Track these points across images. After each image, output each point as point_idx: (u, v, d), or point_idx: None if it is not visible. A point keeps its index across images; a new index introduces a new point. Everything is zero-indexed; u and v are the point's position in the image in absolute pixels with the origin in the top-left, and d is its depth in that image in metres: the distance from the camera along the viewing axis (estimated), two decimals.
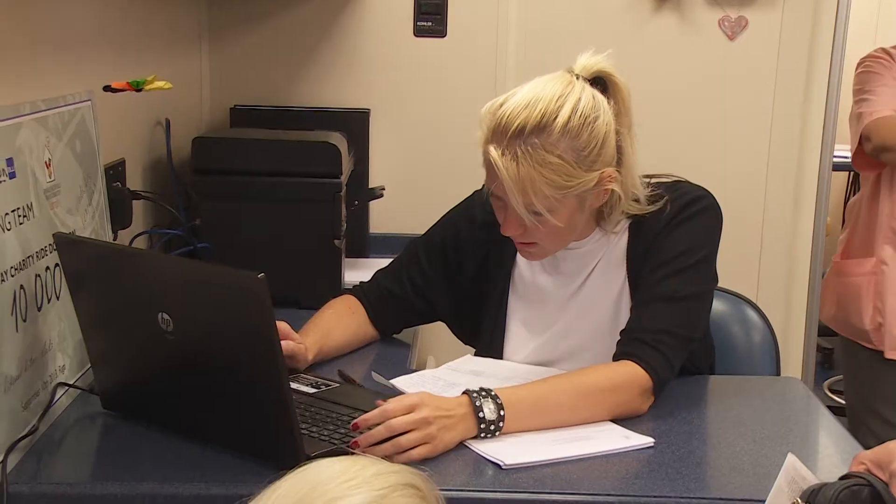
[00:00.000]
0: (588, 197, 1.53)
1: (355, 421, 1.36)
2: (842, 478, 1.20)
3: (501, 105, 1.49)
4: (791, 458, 1.20)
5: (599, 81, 1.54)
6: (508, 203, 1.51)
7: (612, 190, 1.54)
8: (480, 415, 1.39)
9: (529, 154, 1.45)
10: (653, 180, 1.63)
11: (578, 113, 1.47)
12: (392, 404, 1.36)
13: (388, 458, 1.29)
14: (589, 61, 1.54)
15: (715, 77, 2.82)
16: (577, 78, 1.52)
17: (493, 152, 1.47)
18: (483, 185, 1.76)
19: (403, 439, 1.33)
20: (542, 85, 1.50)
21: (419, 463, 1.34)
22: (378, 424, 1.34)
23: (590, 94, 1.50)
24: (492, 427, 1.40)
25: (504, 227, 1.55)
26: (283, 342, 1.53)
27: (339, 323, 1.73)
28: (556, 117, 1.46)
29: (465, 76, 2.80)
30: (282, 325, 1.56)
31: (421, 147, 2.83)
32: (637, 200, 1.60)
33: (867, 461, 1.20)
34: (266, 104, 2.76)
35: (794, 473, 1.19)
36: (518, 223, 1.53)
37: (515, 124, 1.46)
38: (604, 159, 1.51)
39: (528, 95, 1.48)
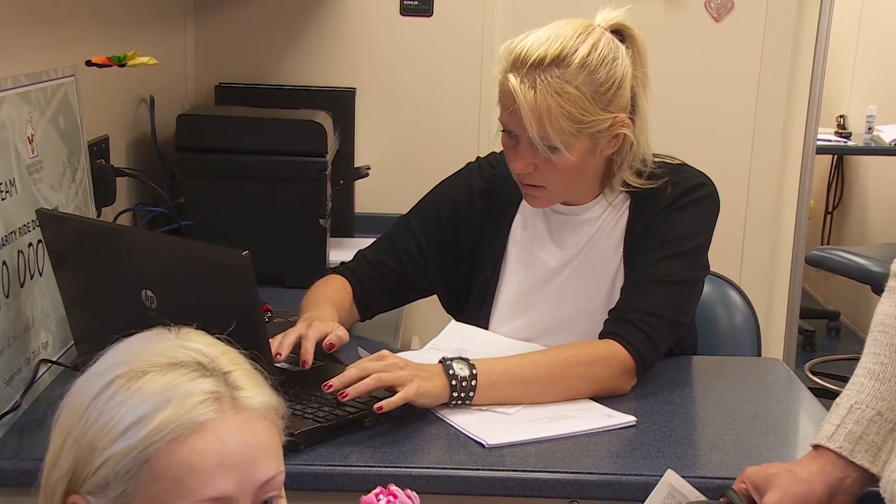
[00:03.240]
0: (601, 140, 1.54)
1: (323, 385, 1.37)
2: (721, 496, 1.22)
3: (522, 40, 1.52)
4: (669, 474, 1.22)
5: (617, 34, 1.57)
6: (521, 137, 1.52)
7: (624, 141, 1.56)
8: (451, 372, 1.41)
9: (548, 83, 1.48)
10: (656, 159, 1.64)
11: (598, 51, 1.51)
12: (358, 361, 1.40)
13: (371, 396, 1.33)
14: (609, 14, 1.57)
15: (700, 59, 2.82)
16: (597, 26, 1.55)
17: (513, 80, 1.49)
18: (477, 157, 1.77)
19: (383, 375, 1.35)
20: (561, 25, 1.54)
21: (405, 444, 1.35)
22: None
23: (609, 38, 1.54)
24: (464, 384, 1.41)
25: (515, 162, 1.55)
26: (334, 335, 1.54)
27: (340, 299, 1.71)
28: (575, 51, 1.49)
29: (451, 56, 2.79)
30: (324, 328, 1.55)
31: (407, 126, 2.83)
32: (640, 174, 1.60)
33: (748, 481, 1.23)
34: (251, 82, 2.74)
35: (669, 489, 1.21)
36: (529, 158, 1.53)
37: (536, 55, 1.49)
38: (619, 103, 1.53)
39: (548, 32, 1.52)
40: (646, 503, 1.23)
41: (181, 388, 0.84)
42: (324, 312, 1.62)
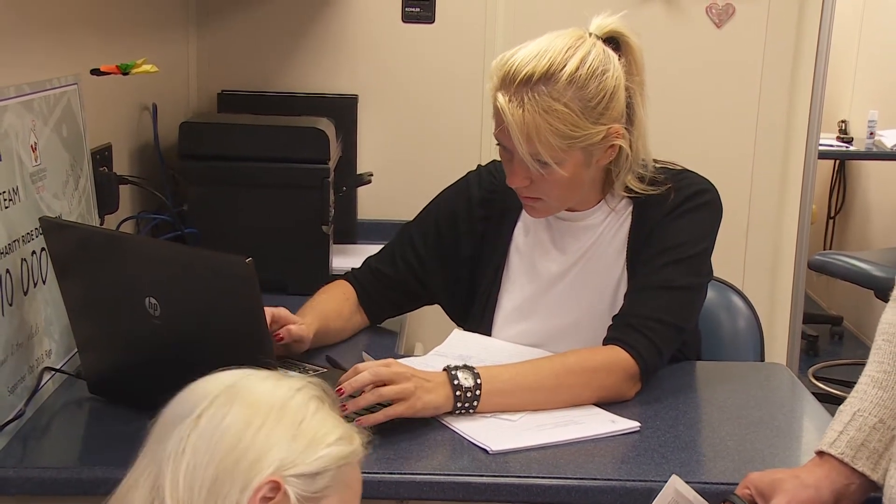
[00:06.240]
0: (595, 152, 1.54)
1: (337, 389, 1.38)
2: (723, 501, 1.22)
3: (512, 56, 1.52)
4: (673, 479, 1.22)
5: (612, 41, 1.56)
6: (515, 152, 1.52)
7: (620, 149, 1.55)
8: (456, 382, 1.40)
9: (535, 101, 1.47)
10: (658, 165, 1.63)
11: (587, 65, 1.49)
12: (365, 363, 1.40)
13: (369, 411, 1.34)
14: (603, 21, 1.56)
15: (702, 64, 2.83)
16: (590, 35, 1.54)
17: (501, 98, 1.49)
18: (478, 165, 1.77)
19: (385, 389, 1.35)
20: (552, 38, 1.53)
21: (409, 450, 1.35)
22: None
23: (600, 49, 1.52)
24: (468, 394, 1.41)
25: (510, 178, 1.56)
26: (288, 327, 1.57)
27: (335, 309, 1.72)
28: (563, 67, 1.48)
29: (453, 62, 2.80)
30: (281, 311, 1.58)
31: (409, 133, 2.83)
32: (641, 179, 1.60)
33: (752, 487, 1.23)
34: (254, 89, 2.75)
35: (674, 495, 1.22)
36: (524, 174, 1.53)
37: (524, 73, 1.48)
38: (612, 114, 1.52)
39: (538, 47, 1.51)
40: None
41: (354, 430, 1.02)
42: (302, 319, 1.64)
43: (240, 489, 0.92)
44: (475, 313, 1.72)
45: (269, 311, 1.55)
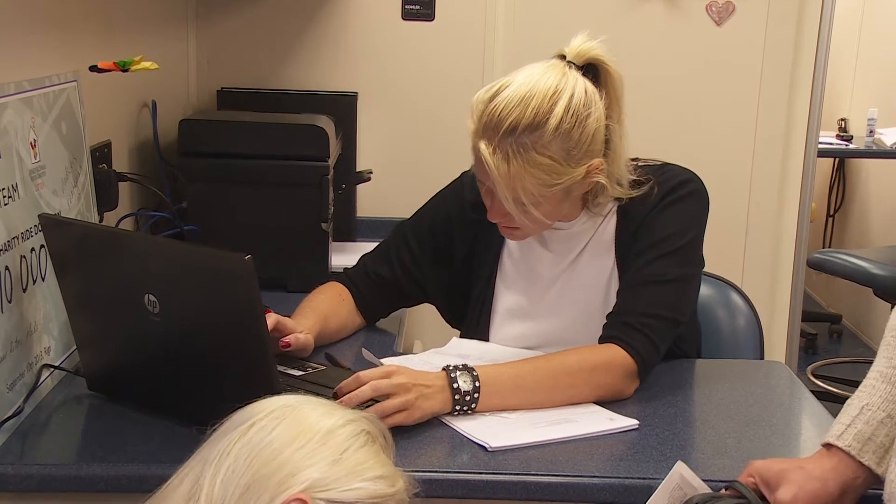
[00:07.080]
0: (574, 188, 1.53)
1: (336, 390, 1.38)
2: (727, 487, 1.22)
3: (493, 97, 1.47)
4: (679, 466, 1.23)
5: (591, 69, 1.53)
6: (495, 194, 1.51)
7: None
8: (455, 385, 1.40)
9: (521, 155, 1.45)
10: (640, 163, 1.63)
11: (571, 112, 1.46)
12: (367, 371, 1.39)
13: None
14: (582, 47, 1.52)
15: (702, 63, 2.83)
16: (570, 66, 1.51)
17: (484, 149, 1.47)
18: (471, 167, 1.77)
19: (386, 403, 1.35)
20: (535, 77, 1.48)
21: (408, 447, 1.35)
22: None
23: (582, 89, 1.48)
24: (467, 398, 1.41)
25: (490, 214, 1.57)
26: (296, 335, 1.57)
27: (333, 309, 1.72)
28: (548, 118, 1.45)
29: (452, 60, 2.80)
30: (285, 320, 1.58)
31: (408, 131, 2.83)
32: (622, 185, 1.60)
33: (756, 475, 1.23)
34: (253, 87, 2.75)
35: (679, 481, 1.22)
36: (504, 212, 1.53)
37: (508, 122, 1.45)
38: (592, 154, 1.51)
39: (521, 89, 1.46)
40: (655, 493, 1.23)
41: (399, 474, 1.02)
42: (303, 321, 1.63)
43: (268, 500, 0.93)
44: (471, 317, 1.72)
45: (273, 318, 1.55)
